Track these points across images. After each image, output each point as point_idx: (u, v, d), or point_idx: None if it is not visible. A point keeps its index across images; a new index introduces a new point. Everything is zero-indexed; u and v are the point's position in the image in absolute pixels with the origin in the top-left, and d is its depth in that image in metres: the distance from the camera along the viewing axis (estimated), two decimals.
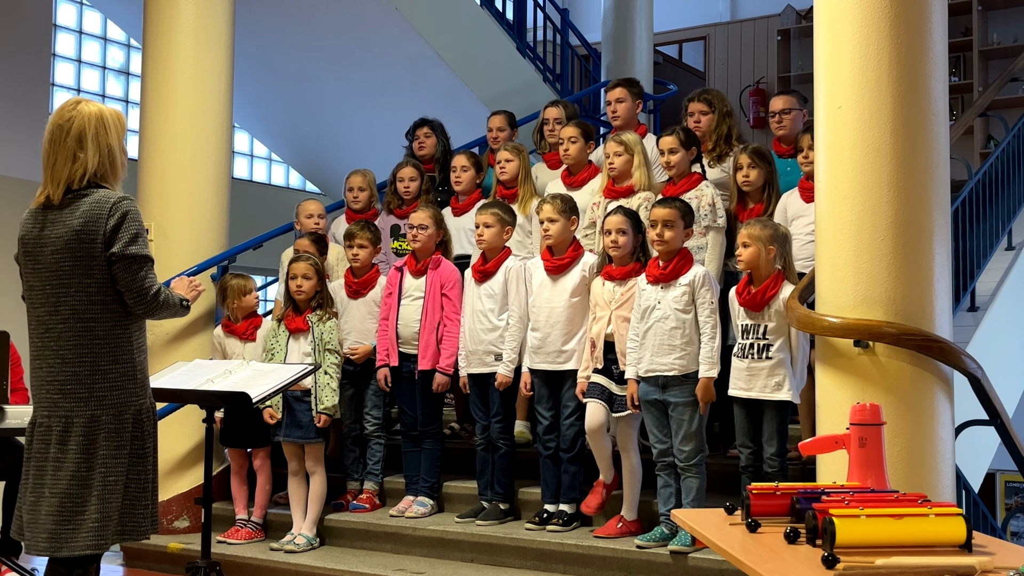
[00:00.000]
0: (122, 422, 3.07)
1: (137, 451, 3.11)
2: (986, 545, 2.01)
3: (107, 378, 3.06)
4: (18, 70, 7.51)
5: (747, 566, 1.92)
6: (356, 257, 5.25)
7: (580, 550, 4.44)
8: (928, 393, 3.59)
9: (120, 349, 3.09)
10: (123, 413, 3.07)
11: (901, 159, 3.58)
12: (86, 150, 3.10)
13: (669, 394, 4.26)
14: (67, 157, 3.10)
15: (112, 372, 3.07)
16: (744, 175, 4.77)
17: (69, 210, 3.08)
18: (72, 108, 3.14)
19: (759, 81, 10.92)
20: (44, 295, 3.09)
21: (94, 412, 3.04)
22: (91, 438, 3.03)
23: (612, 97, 5.51)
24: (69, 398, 3.04)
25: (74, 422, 3.03)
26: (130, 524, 3.10)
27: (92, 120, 3.12)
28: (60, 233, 3.06)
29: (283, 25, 8.01)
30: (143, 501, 3.12)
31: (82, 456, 3.02)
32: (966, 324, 5.82)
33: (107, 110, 3.18)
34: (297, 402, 5.00)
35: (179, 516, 5.51)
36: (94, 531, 3.01)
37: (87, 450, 3.02)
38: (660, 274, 4.31)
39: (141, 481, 3.12)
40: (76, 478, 3.01)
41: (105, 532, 3.02)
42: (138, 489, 3.11)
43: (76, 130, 3.10)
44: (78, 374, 3.05)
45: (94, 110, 3.15)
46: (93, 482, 3.02)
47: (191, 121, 5.71)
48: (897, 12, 3.60)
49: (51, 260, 3.07)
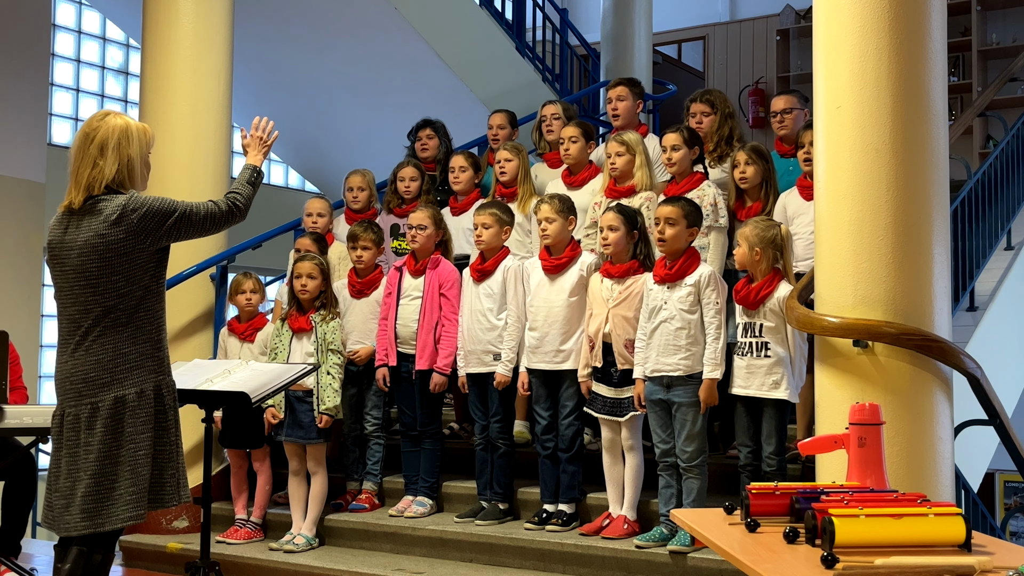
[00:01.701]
0: (144, 399, 3.20)
1: (161, 424, 3.24)
2: (985, 545, 2.01)
3: (128, 359, 3.20)
4: (17, 70, 7.50)
5: (746, 566, 1.92)
6: (360, 259, 5.25)
7: (579, 550, 4.44)
8: (927, 393, 3.59)
9: (140, 331, 3.23)
10: (144, 391, 3.21)
11: (900, 159, 3.58)
12: (106, 158, 3.26)
13: (673, 394, 4.26)
14: (88, 164, 3.26)
15: (132, 353, 3.21)
16: (741, 172, 4.77)
17: (91, 215, 3.22)
18: (100, 119, 3.32)
19: (758, 81, 10.92)
20: (73, 295, 3.22)
21: (117, 394, 3.17)
22: (117, 418, 3.16)
23: (613, 95, 5.50)
24: (92, 385, 3.18)
25: (99, 407, 3.16)
26: (156, 493, 3.24)
27: (116, 131, 3.29)
28: (85, 237, 3.20)
29: (282, 25, 8.01)
30: (169, 471, 3.27)
31: (111, 436, 3.15)
32: (965, 324, 5.82)
33: (134, 124, 3.35)
34: (299, 402, 5.00)
35: (178, 516, 5.51)
36: (131, 503, 3.16)
37: (115, 430, 3.16)
38: (666, 274, 4.31)
39: (166, 452, 3.26)
40: (108, 457, 3.15)
41: (141, 503, 3.18)
42: (164, 460, 3.25)
43: (100, 139, 3.27)
44: (100, 361, 3.18)
45: (120, 123, 3.32)
46: (122, 458, 3.16)
47: (190, 121, 5.71)
48: (896, 12, 3.60)
49: (77, 262, 3.21)
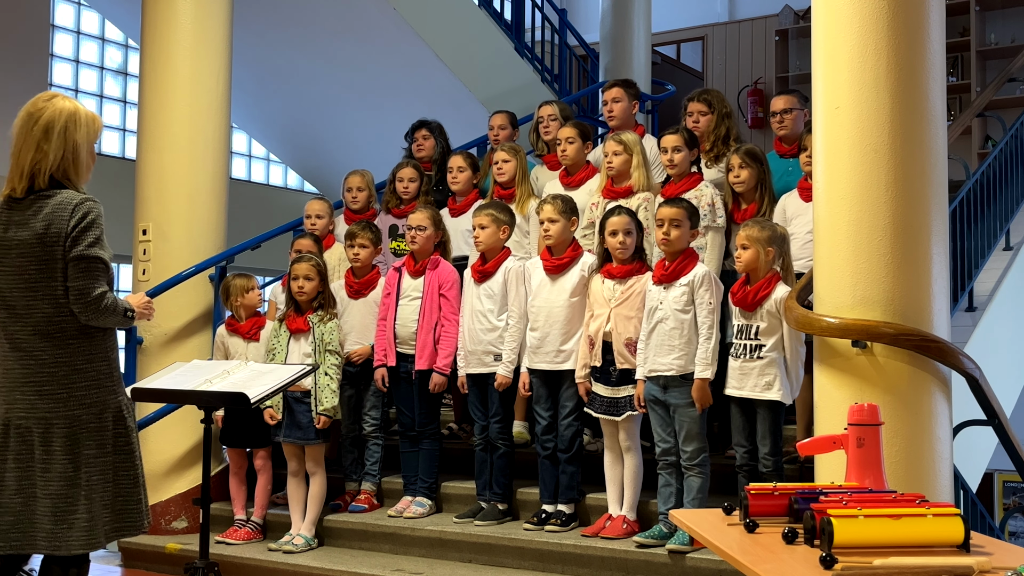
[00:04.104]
0: (103, 420, 3.08)
1: (123, 447, 3.11)
2: (984, 545, 2.01)
3: (86, 377, 3.06)
4: (16, 70, 7.51)
5: (745, 566, 1.92)
6: (357, 257, 5.25)
7: (578, 550, 4.44)
8: (926, 393, 3.60)
9: (95, 347, 3.09)
10: (104, 411, 3.08)
11: (899, 159, 3.58)
12: (51, 142, 3.06)
13: (670, 396, 4.26)
14: (31, 146, 3.07)
15: (90, 371, 3.08)
16: (735, 175, 4.77)
17: (32, 212, 3.05)
18: (46, 100, 3.11)
19: (757, 81, 10.92)
20: (13, 298, 3.07)
21: (74, 412, 3.03)
22: (74, 439, 3.03)
23: (608, 97, 5.51)
24: (47, 399, 3.03)
25: (54, 423, 3.03)
26: (127, 520, 3.11)
27: (63, 115, 3.08)
28: (24, 237, 3.04)
29: (282, 26, 8.01)
30: (136, 496, 3.13)
31: (68, 457, 3.02)
32: (964, 324, 5.82)
33: (82, 109, 3.15)
34: (297, 403, 5.00)
35: (177, 516, 5.51)
36: (85, 530, 3.02)
37: (72, 451, 3.03)
38: (663, 274, 4.31)
39: (131, 476, 3.13)
40: (64, 479, 3.01)
41: (95, 531, 3.04)
42: (130, 484, 3.12)
43: (45, 121, 3.07)
44: (55, 375, 3.04)
45: (68, 106, 3.11)
46: (80, 482, 3.02)
47: (189, 121, 5.71)
48: (895, 12, 3.60)
49: (17, 264, 3.06)
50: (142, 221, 5.69)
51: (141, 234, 5.67)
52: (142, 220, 5.69)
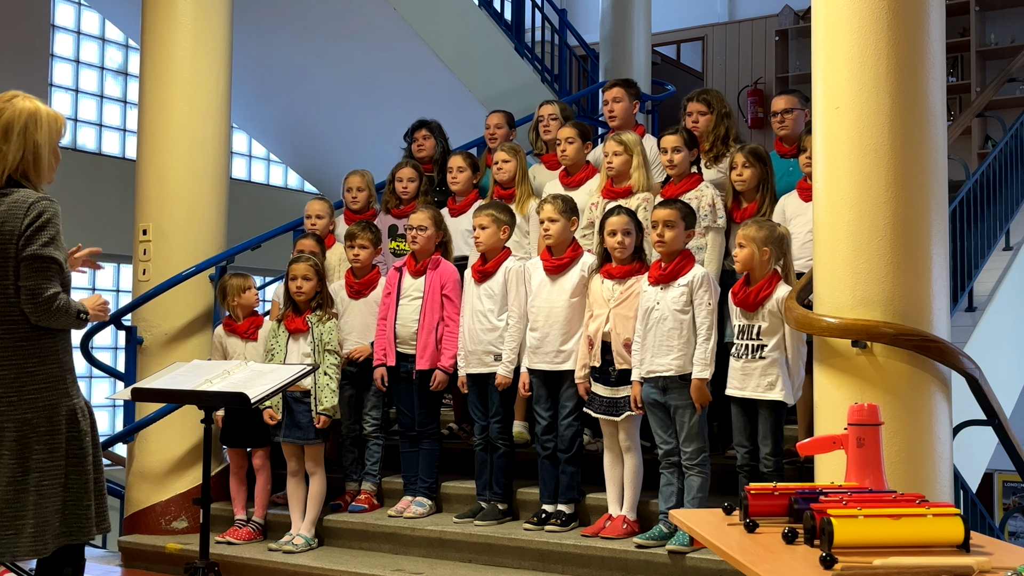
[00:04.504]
0: (55, 423, 3.03)
1: (75, 451, 3.06)
2: (984, 545, 2.01)
3: (36, 380, 3.02)
4: (16, 70, 7.51)
5: (745, 566, 1.92)
6: (357, 257, 5.25)
7: (578, 550, 4.44)
8: (926, 393, 3.60)
9: (46, 350, 3.05)
10: (55, 415, 3.03)
11: (899, 159, 3.58)
12: (10, 142, 3.03)
13: (669, 397, 4.26)
14: None
15: (41, 373, 3.03)
16: (738, 174, 4.78)
17: None
18: (6, 100, 3.08)
19: (757, 81, 10.92)
20: None
21: (25, 415, 2.99)
22: (24, 442, 2.98)
23: (609, 97, 5.51)
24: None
25: (3, 426, 2.98)
26: (75, 525, 3.06)
27: (23, 115, 3.05)
28: None
29: (282, 26, 8.01)
30: (86, 501, 3.07)
31: (16, 460, 2.97)
32: (964, 324, 5.83)
33: (44, 109, 3.11)
34: (296, 403, 5.00)
35: (177, 516, 5.51)
36: (32, 536, 2.97)
37: (21, 454, 2.98)
38: (660, 275, 4.31)
39: (82, 481, 3.07)
40: (12, 483, 2.96)
41: (43, 537, 2.98)
42: (80, 489, 3.06)
43: (4, 122, 3.04)
44: (5, 377, 2.99)
45: (29, 106, 3.08)
46: (28, 487, 2.97)
47: (189, 121, 5.71)
48: (895, 13, 3.60)
49: None
50: (142, 221, 5.69)
51: (141, 234, 5.67)
52: (142, 220, 5.69)
